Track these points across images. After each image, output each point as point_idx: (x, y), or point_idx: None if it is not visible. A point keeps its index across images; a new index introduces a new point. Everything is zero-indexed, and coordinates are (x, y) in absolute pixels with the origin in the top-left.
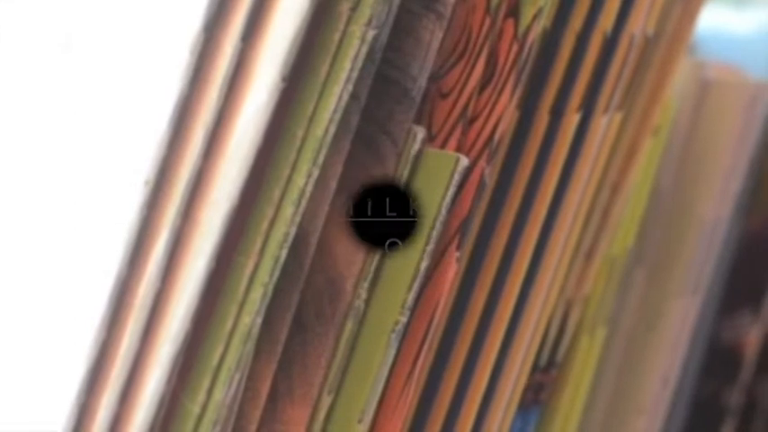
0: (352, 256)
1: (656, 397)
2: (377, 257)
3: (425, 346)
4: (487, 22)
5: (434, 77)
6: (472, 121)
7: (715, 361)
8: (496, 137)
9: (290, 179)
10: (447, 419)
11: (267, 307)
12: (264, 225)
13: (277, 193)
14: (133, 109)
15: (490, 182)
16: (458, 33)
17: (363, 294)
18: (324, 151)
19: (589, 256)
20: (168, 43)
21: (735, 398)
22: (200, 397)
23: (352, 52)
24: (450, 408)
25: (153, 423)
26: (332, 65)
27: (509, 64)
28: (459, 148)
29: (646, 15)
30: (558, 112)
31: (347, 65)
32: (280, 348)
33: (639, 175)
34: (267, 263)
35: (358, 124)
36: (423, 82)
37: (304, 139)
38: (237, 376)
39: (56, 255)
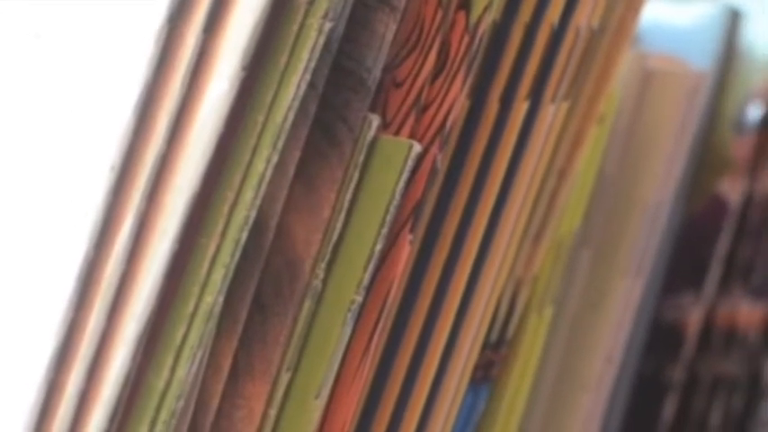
0: (309, 239)
1: (601, 374)
2: (334, 240)
3: (380, 325)
4: (439, 14)
5: (389, 68)
6: (425, 109)
7: (657, 339)
8: (448, 124)
9: (250, 164)
10: (401, 395)
11: (228, 287)
12: (226, 208)
13: (238, 178)
14: (100, 97)
15: (442, 167)
16: (411, 25)
17: (321, 275)
18: (283, 138)
19: (537, 238)
20: (133, 34)
21: (677, 374)
22: (164, 373)
23: (309, 43)
24: (404, 384)
25: (119, 398)
26: (290, 55)
27: (460, 55)
28: (412, 135)
29: (591, 9)
30: (507, 101)
31: (305, 55)
32: (240, 327)
33: (585, 162)
34: (228, 245)
35: (316, 112)
36: (377, 72)
37: (264, 126)
38: (200, 353)
39: (25, 237)
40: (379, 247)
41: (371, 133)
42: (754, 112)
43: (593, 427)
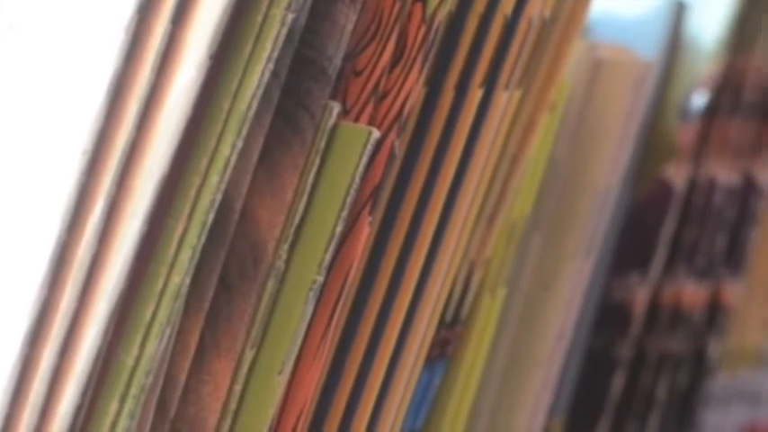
0: (273, 221)
1: (552, 350)
2: (296, 222)
3: (340, 304)
4: (397, 6)
5: (349, 57)
6: (383, 97)
7: (606, 318)
8: (406, 111)
9: (216, 150)
10: (360, 371)
11: (195, 267)
12: (193, 192)
13: (204, 163)
14: (73, 84)
15: (400, 153)
16: (370, 16)
17: (283, 256)
18: (247, 124)
19: (491, 221)
20: (105, 25)
21: (624, 351)
22: (134, 350)
23: (273, 33)
24: (363, 361)
25: (91, 374)
26: (255, 45)
27: (417, 44)
28: (371, 122)
29: (543, 0)
30: (462, 89)
31: (269, 45)
32: (207, 306)
33: (537, 148)
34: (195, 227)
35: (278, 100)
36: (338, 61)
37: (229, 113)
38: (168, 331)
39: (0, 219)
40: (339, 228)
41: (332, 120)
42: (698, 100)
43: (545, 401)
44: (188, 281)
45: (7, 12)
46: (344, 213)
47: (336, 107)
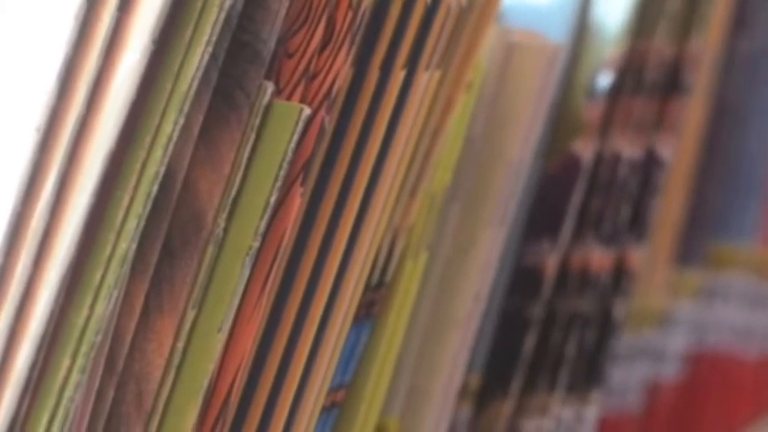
0: (212, 192)
1: (470, 311)
2: (234, 193)
3: (275, 267)
4: None
5: (282, 40)
6: (313, 77)
7: (519, 281)
8: (334, 90)
9: (159, 126)
10: (294, 328)
11: (140, 235)
12: (138, 165)
13: (148, 139)
14: (27, 67)
15: (329, 129)
16: (301, 3)
17: (222, 224)
18: (188, 103)
19: (413, 191)
20: (56, 12)
21: (536, 312)
22: (84, 311)
23: (211, 19)
24: (296, 319)
25: (44, 334)
26: (194, 30)
27: (345, 28)
28: (302, 100)
29: None
30: (386, 70)
31: (208, 30)
32: (151, 270)
33: (455, 124)
34: (140, 197)
35: (217, 80)
36: (272, 44)
37: (171, 93)
38: (115, 294)
39: None
40: (273, 198)
41: (266, 99)
42: (603, 81)
43: (463, 358)
44: (134, 247)
45: None
46: (278, 184)
47: (270, 87)
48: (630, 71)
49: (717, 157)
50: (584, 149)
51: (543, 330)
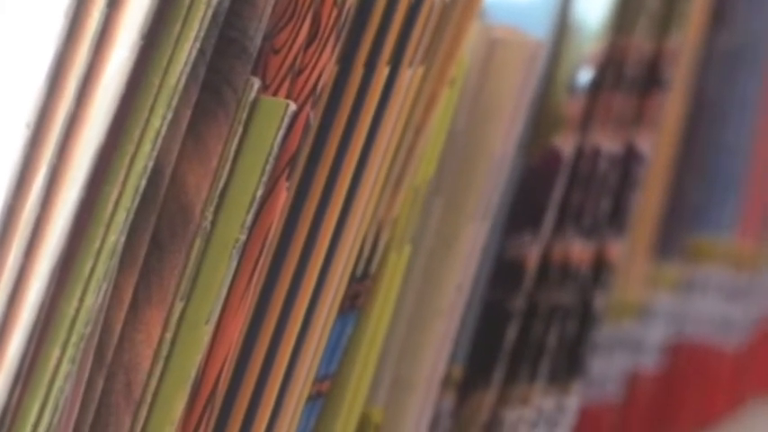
0: (200, 186)
1: (453, 302)
2: (221, 187)
3: (261, 260)
4: None
5: (268, 37)
6: (299, 73)
7: (501, 273)
8: (320, 86)
9: (148, 121)
10: (280, 319)
11: (129, 228)
12: (127, 159)
13: (137, 133)
14: (17, 63)
15: (315, 124)
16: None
17: (209, 217)
18: (176, 98)
19: (397, 185)
20: (46, 9)
21: (518, 303)
22: (74, 302)
23: (199, 16)
24: (282, 310)
25: (35, 323)
26: (183, 26)
27: (330, 25)
28: (288, 96)
29: None
30: (371, 66)
31: (195, 26)
32: (140, 262)
33: (438, 119)
34: (129, 191)
35: (205, 76)
36: (258, 41)
37: (160, 88)
38: (105, 285)
39: None
40: (259, 192)
41: (253, 94)
42: (584, 77)
43: (446, 349)
44: (123, 240)
45: None
46: (264, 178)
47: (257, 82)
48: (610, 67)
49: (695, 152)
50: (565, 144)
51: (525, 322)
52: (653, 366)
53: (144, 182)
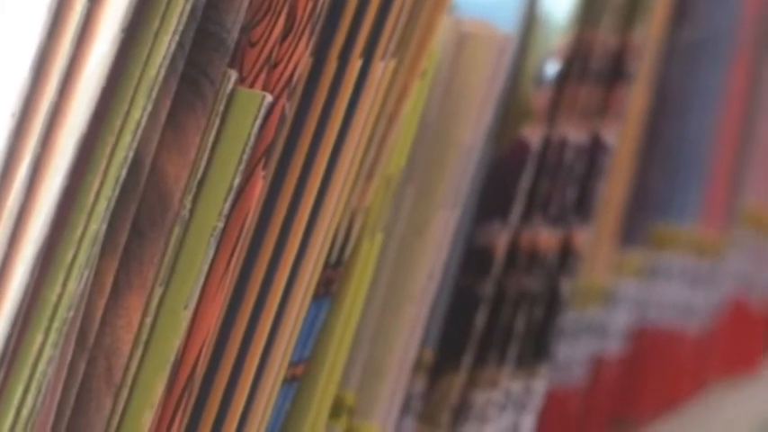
0: (178, 175)
1: (424, 288)
2: (199, 176)
3: (238, 247)
4: None
5: (245, 30)
6: (275, 65)
7: (471, 260)
8: (295, 78)
9: (128, 112)
10: (256, 304)
11: (110, 216)
12: (108, 149)
13: (118, 124)
14: (2, 55)
15: (290, 115)
16: None
17: (188, 205)
18: (156, 89)
19: (369, 174)
20: (30, 3)
21: (487, 289)
22: (57, 288)
23: (178, 10)
24: (258, 296)
25: (19, 308)
26: (162, 20)
27: (305, 19)
28: (264, 88)
29: None
30: (344, 59)
31: (174, 20)
32: (121, 249)
33: (410, 110)
34: (110, 180)
35: (183, 68)
36: (235, 34)
37: (140, 80)
38: (87, 272)
39: None
40: (236, 181)
41: (230, 86)
42: (551, 69)
43: (417, 333)
44: (104, 228)
45: None
46: (241, 168)
47: (234, 74)
48: (576, 60)
49: (659, 142)
50: (533, 135)
51: (494, 307)
52: (617, 351)
53: (124, 171)
